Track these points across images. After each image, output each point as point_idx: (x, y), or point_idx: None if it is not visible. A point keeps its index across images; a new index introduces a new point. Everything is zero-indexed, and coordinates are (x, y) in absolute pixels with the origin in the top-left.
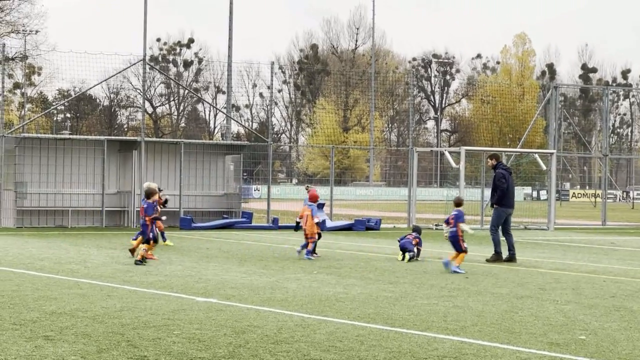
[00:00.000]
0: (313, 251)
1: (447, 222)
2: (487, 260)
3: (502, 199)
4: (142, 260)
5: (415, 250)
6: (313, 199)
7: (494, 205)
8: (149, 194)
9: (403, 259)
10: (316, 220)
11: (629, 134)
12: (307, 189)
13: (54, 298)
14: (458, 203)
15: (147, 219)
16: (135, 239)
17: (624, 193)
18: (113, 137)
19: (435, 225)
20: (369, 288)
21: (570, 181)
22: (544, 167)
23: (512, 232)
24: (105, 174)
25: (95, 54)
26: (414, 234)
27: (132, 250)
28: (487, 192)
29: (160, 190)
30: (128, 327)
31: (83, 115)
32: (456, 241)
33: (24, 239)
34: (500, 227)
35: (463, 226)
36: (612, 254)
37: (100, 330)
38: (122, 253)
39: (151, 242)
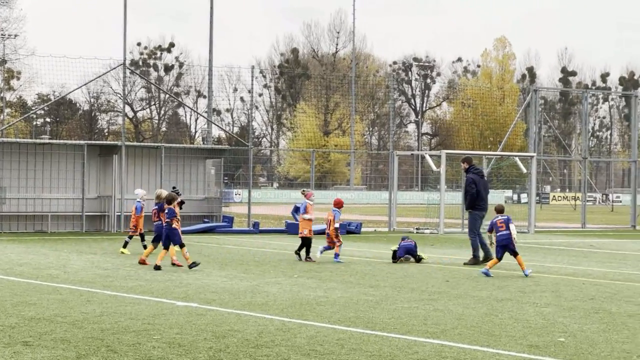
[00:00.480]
0: (307, 253)
1: (491, 229)
2: (465, 264)
3: (473, 203)
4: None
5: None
6: (338, 205)
7: (468, 210)
8: (170, 199)
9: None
10: (336, 225)
11: (608, 137)
12: (303, 193)
13: (33, 303)
14: (500, 210)
15: (172, 221)
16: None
17: (604, 196)
18: (93, 142)
19: (416, 228)
20: (350, 292)
21: (551, 184)
22: (524, 170)
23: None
24: (85, 179)
25: (74, 58)
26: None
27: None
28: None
29: (179, 194)
30: (108, 332)
31: (63, 120)
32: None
33: (3, 245)
34: (478, 230)
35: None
36: (591, 257)
37: (79, 335)
38: (102, 258)
39: (176, 246)
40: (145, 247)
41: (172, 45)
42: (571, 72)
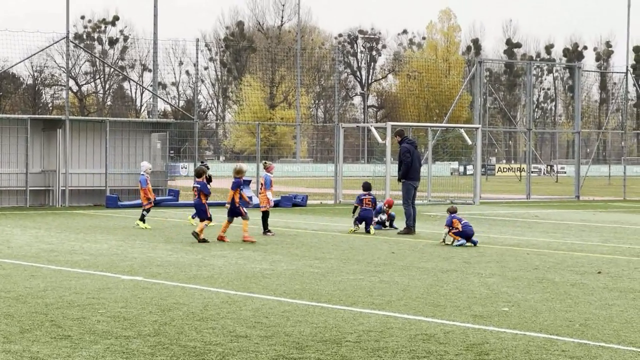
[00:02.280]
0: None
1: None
2: (399, 233)
3: (407, 173)
4: (203, 239)
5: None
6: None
7: (401, 180)
8: (199, 173)
9: (366, 229)
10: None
11: (553, 108)
12: (264, 165)
13: None
14: (454, 211)
15: (202, 198)
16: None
17: (548, 167)
18: (37, 116)
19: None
20: (295, 264)
21: (496, 155)
22: (470, 142)
23: (415, 206)
24: (29, 153)
25: (17, 32)
26: (368, 195)
27: (198, 234)
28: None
29: (208, 168)
30: (52, 307)
31: (6, 94)
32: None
33: None
34: (412, 200)
35: None
36: (535, 227)
37: (23, 310)
38: (47, 232)
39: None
40: (143, 220)
41: (116, 18)
42: (516, 44)
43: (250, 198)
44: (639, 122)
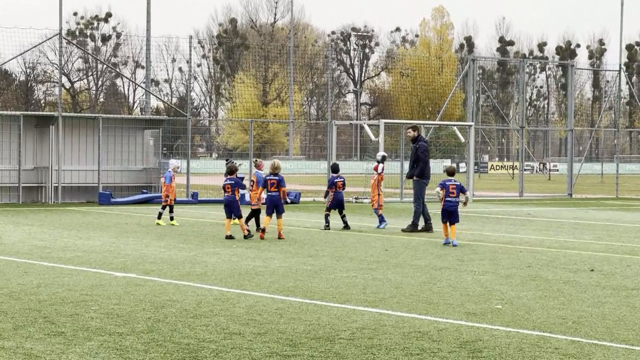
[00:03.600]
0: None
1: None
2: (403, 230)
3: (424, 172)
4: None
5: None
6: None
7: (415, 178)
8: (232, 170)
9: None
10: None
11: (546, 106)
12: (255, 163)
13: None
14: (452, 172)
15: (236, 193)
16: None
17: (541, 164)
18: (29, 113)
19: (355, 198)
20: (289, 261)
21: (489, 153)
22: (463, 140)
23: (426, 204)
24: (21, 150)
25: (9, 28)
26: (339, 179)
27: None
28: (407, 165)
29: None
30: (45, 304)
31: None
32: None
33: None
34: (424, 198)
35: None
36: (528, 225)
37: (16, 307)
38: (40, 229)
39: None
40: (172, 218)
41: (109, 15)
42: (509, 42)
43: (243, 195)
44: (631, 120)
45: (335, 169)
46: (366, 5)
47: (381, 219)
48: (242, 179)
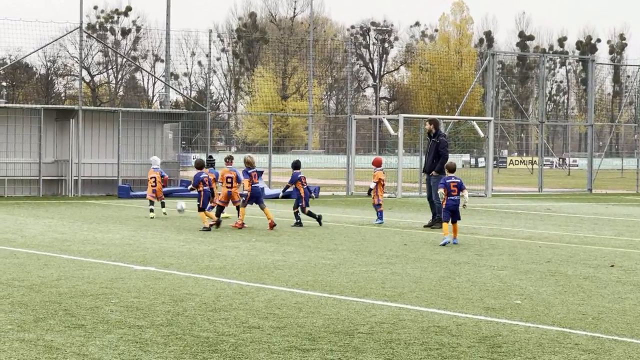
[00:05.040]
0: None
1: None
2: (425, 226)
3: (443, 167)
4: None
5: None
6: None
7: (435, 173)
8: (200, 165)
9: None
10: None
11: (565, 101)
12: (228, 159)
13: None
14: (452, 169)
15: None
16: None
17: (560, 160)
18: (50, 106)
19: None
20: (308, 255)
21: (508, 148)
22: (482, 134)
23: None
24: (42, 143)
25: (31, 22)
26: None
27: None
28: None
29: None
30: (65, 296)
31: (19, 84)
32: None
33: None
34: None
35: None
36: (548, 220)
37: (37, 299)
38: (60, 222)
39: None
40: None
41: (129, 9)
42: (529, 37)
43: (263, 189)
44: None
45: (297, 165)
46: (385, 0)
47: (380, 215)
48: (262, 172)
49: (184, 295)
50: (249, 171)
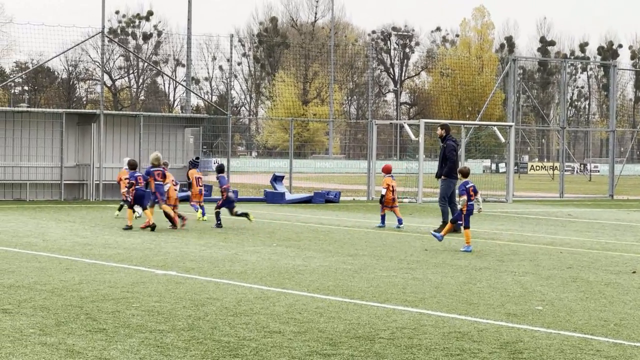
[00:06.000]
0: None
1: (462, 194)
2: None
3: (451, 171)
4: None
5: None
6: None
7: (443, 177)
8: (134, 165)
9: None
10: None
11: (587, 106)
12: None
13: (12, 271)
14: (466, 173)
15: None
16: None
17: (582, 165)
18: (72, 110)
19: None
20: (329, 260)
21: (529, 154)
22: (503, 140)
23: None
24: (63, 147)
25: (53, 26)
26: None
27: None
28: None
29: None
30: (87, 300)
31: (41, 88)
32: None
33: None
34: (450, 198)
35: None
36: (569, 226)
37: (58, 303)
38: (81, 226)
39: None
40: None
41: (150, 13)
42: (550, 42)
43: (283, 194)
44: None
45: (221, 169)
46: (407, 5)
47: (382, 219)
48: (282, 177)
49: (205, 299)
50: (151, 169)
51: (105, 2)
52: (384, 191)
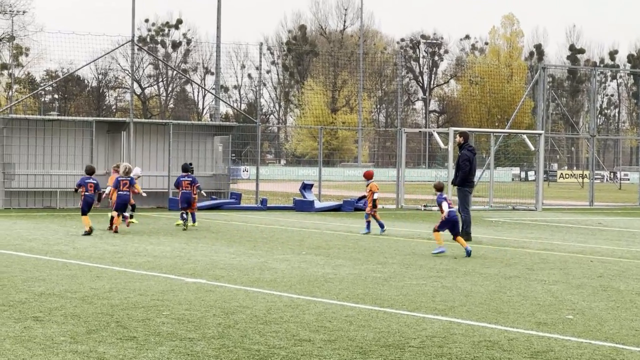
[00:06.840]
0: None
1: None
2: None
3: (464, 181)
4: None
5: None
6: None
7: (457, 186)
8: (91, 171)
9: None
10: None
11: (616, 114)
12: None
13: (42, 279)
14: (441, 188)
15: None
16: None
17: (611, 174)
18: (101, 118)
19: (424, 206)
20: (358, 268)
21: (558, 162)
22: (532, 148)
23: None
24: (93, 155)
25: (83, 35)
26: (187, 178)
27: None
28: (477, 173)
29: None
30: (117, 308)
31: (71, 96)
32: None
33: (12, 220)
34: (469, 205)
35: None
36: (599, 234)
37: (89, 311)
38: (111, 234)
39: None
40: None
41: (179, 22)
42: (579, 50)
43: (312, 202)
44: None
45: (185, 168)
46: (436, 13)
47: (367, 226)
48: (312, 185)
49: (235, 307)
50: (119, 178)
51: (135, 11)
52: (376, 195)
